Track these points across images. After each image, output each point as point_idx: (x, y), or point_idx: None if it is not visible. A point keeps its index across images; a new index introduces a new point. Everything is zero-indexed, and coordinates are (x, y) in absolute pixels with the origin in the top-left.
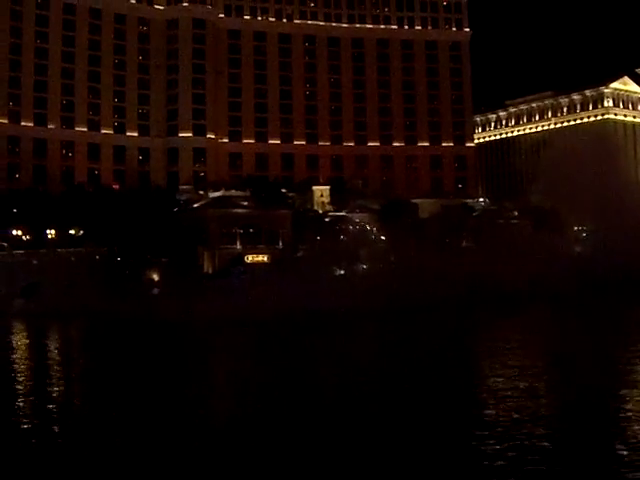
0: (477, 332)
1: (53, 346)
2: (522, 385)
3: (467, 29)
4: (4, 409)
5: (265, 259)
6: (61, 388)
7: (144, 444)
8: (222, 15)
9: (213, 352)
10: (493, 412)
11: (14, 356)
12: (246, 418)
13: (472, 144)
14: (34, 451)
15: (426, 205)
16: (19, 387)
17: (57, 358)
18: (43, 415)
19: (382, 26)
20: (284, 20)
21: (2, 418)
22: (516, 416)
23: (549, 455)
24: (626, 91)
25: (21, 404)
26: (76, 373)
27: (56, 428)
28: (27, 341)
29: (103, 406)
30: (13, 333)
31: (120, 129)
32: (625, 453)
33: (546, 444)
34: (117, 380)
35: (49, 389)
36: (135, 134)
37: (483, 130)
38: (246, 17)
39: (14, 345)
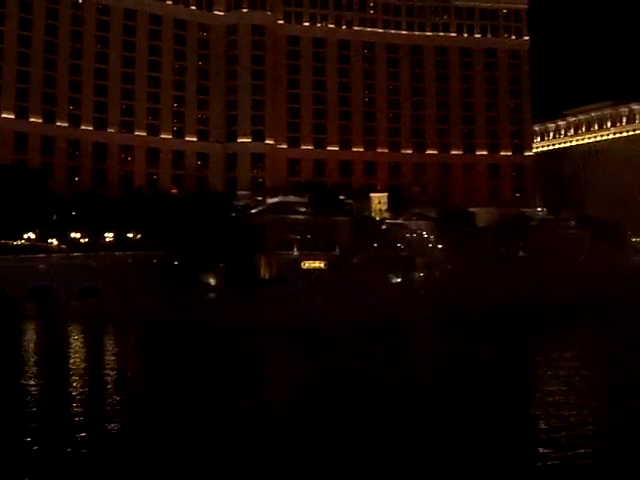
0: (534, 345)
1: (109, 352)
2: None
3: (527, 37)
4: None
5: (322, 265)
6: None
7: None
8: (281, 21)
9: (267, 360)
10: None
11: (71, 362)
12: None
13: (531, 153)
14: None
15: (483, 214)
16: (74, 395)
17: (112, 365)
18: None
19: (441, 34)
20: (343, 27)
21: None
22: None
23: None
24: None
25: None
26: (132, 383)
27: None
28: (83, 347)
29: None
30: (70, 336)
31: (179, 134)
32: None
33: None
34: (172, 389)
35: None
36: (194, 139)
37: (541, 139)
38: (305, 23)
39: (70, 350)
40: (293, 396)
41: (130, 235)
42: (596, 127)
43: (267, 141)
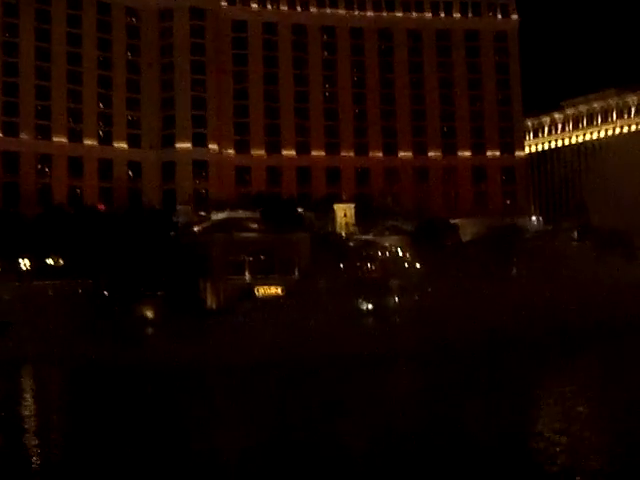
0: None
1: (27, 399)
2: None
3: (515, 16)
4: None
5: (279, 291)
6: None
7: None
8: (225, 4)
9: (213, 404)
10: None
11: None
12: None
13: (522, 153)
14: None
15: (468, 225)
16: None
17: (31, 414)
18: None
19: (414, 14)
20: (298, 9)
21: None
22: None
23: None
24: None
25: None
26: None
27: None
28: None
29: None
30: None
31: (106, 140)
32: None
33: None
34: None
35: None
36: (124, 145)
37: (535, 136)
38: (253, 6)
39: None
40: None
41: (50, 261)
42: (599, 120)
43: (210, 146)
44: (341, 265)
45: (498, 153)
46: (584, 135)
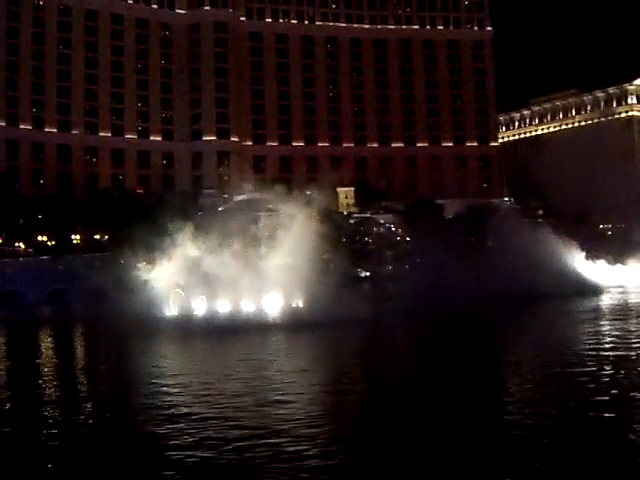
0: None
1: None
2: None
3: (489, 28)
4: None
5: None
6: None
7: None
8: (243, 18)
9: None
10: None
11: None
12: None
13: (496, 143)
14: None
15: (451, 205)
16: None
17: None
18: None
19: (404, 26)
20: (306, 22)
21: None
22: None
23: None
24: None
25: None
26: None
27: None
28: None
29: None
30: (41, 344)
31: (144, 134)
32: None
33: None
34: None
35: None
36: (159, 138)
37: (507, 129)
38: (267, 20)
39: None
40: None
41: (97, 237)
42: (561, 116)
43: (232, 138)
44: (343, 239)
45: (476, 144)
46: (548, 128)
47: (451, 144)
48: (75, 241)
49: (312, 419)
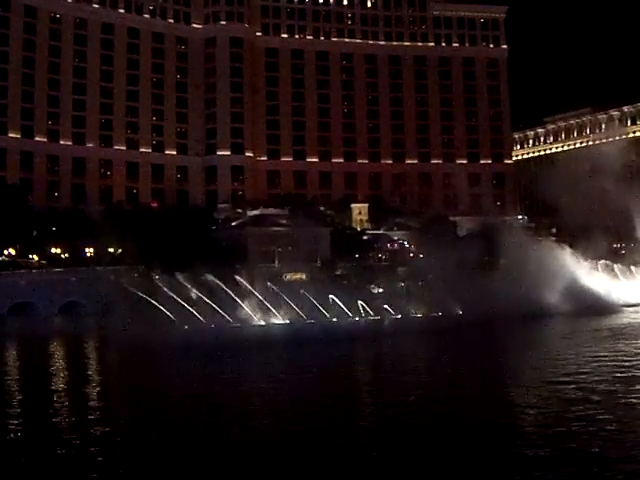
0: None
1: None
2: None
3: (505, 46)
4: None
5: (303, 277)
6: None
7: None
8: (259, 33)
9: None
10: None
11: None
12: None
13: (510, 161)
14: None
15: (465, 222)
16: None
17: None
18: None
19: (419, 43)
20: (321, 38)
21: None
22: None
23: None
24: None
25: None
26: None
27: None
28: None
29: None
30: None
31: (158, 148)
32: None
33: None
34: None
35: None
36: (173, 152)
37: (521, 147)
38: (283, 35)
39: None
40: None
41: (111, 250)
42: (575, 134)
43: (247, 153)
44: (356, 255)
45: (490, 161)
46: (562, 146)
47: (465, 161)
48: (88, 254)
49: None
